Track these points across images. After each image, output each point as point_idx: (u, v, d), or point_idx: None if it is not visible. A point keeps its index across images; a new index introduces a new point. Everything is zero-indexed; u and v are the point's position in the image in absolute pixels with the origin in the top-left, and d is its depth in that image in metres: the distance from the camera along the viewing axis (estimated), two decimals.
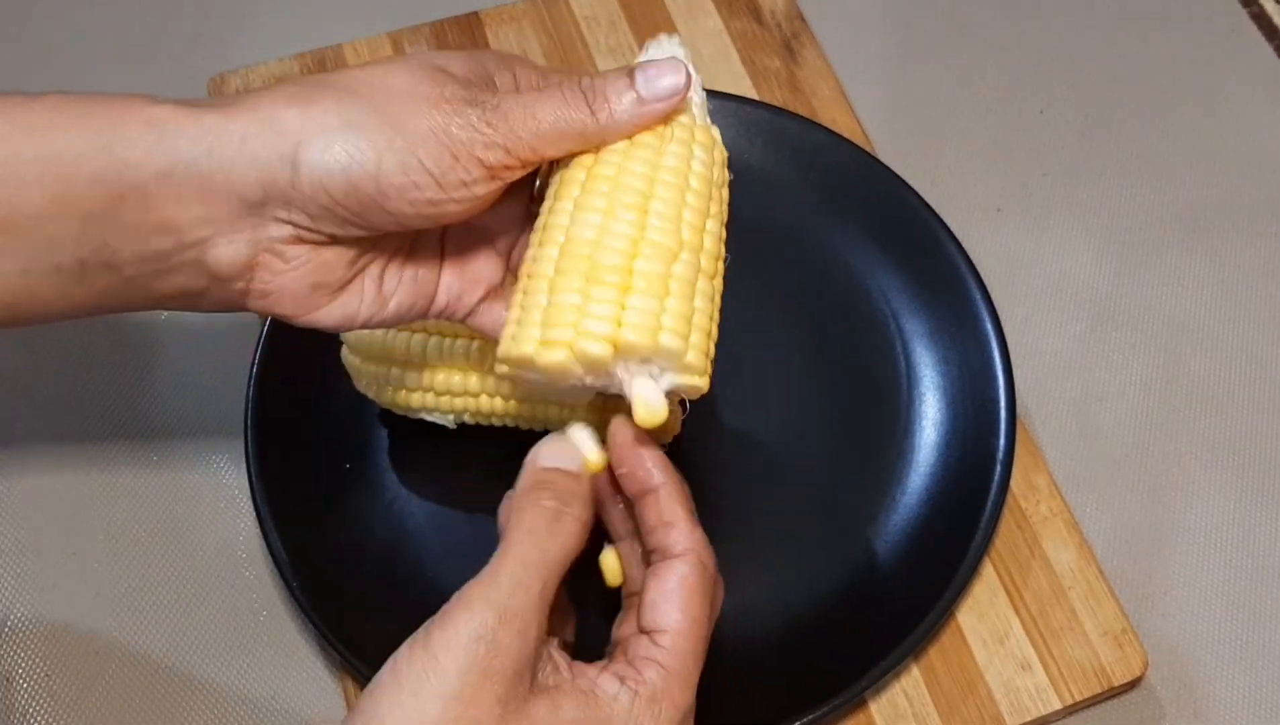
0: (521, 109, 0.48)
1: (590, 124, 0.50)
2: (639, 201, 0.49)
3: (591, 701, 0.46)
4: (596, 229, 0.49)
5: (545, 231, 0.50)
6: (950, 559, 0.64)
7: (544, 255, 0.49)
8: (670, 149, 0.51)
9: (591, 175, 0.50)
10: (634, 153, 0.50)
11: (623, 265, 0.48)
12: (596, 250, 0.49)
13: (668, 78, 0.50)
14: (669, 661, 0.48)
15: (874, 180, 0.74)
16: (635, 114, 0.50)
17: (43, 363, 0.74)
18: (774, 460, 0.69)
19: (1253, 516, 0.70)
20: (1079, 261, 0.78)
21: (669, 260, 0.49)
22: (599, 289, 0.48)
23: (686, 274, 0.50)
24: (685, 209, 0.50)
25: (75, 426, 0.72)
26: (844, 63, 0.83)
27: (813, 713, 0.60)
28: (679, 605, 0.48)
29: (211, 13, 0.87)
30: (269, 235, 0.48)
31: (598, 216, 0.49)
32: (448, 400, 0.64)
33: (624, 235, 0.49)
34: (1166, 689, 0.65)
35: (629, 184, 0.50)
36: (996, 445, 0.66)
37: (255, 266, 0.49)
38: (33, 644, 0.66)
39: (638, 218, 0.49)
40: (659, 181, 0.50)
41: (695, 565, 0.49)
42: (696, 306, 0.50)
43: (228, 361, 0.72)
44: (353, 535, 0.66)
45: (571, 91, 0.50)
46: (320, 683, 0.65)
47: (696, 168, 0.51)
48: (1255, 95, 0.83)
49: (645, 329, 0.48)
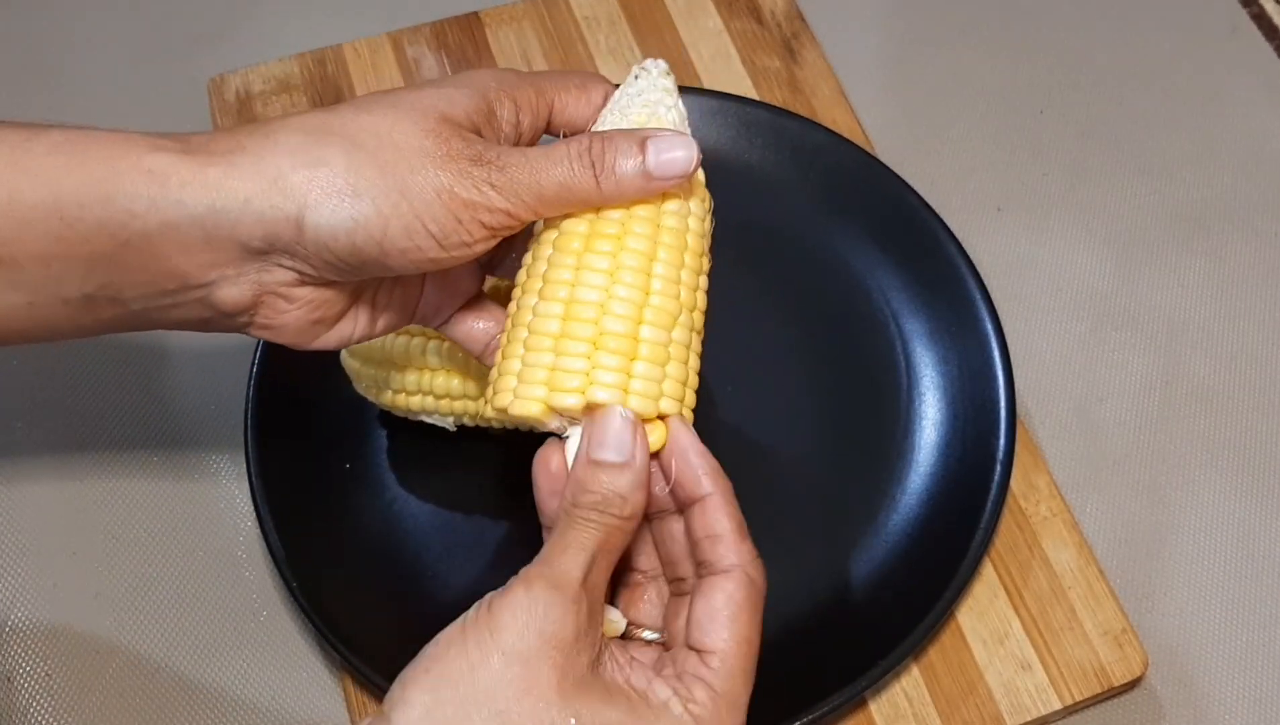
0: (526, 172, 0.48)
1: (593, 193, 0.50)
2: (643, 264, 0.50)
3: (643, 704, 0.46)
4: (601, 291, 0.50)
5: (546, 285, 0.51)
6: (950, 559, 0.64)
7: (547, 311, 0.50)
8: (669, 207, 0.52)
9: (593, 231, 0.51)
10: (635, 211, 0.51)
11: (630, 332, 0.50)
12: (603, 315, 0.50)
13: (680, 156, 0.50)
14: (718, 683, 0.47)
15: (874, 180, 0.74)
16: (640, 188, 0.50)
17: (42, 365, 0.74)
18: (773, 460, 0.69)
19: (1253, 516, 0.70)
20: (1079, 261, 0.78)
21: (670, 325, 0.50)
22: (606, 356, 0.49)
23: (683, 337, 0.51)
24: (684, 270, 0.51)
25: (75, 427, 0.72)
26: (844, 63, 0.83)
27: (813, 713, 0.60)
28: (725, 625, 0.48)
29: (211, 13, 0.87)
30: (273, 278, 0.49)
31: (602, 278, 0.50)
32: (447, 403, 0.64)
33: (629, 301, 0.50)
34: (1166, 689, 0.65)
35: (633, 246, 0.50)
36: (996, 445, 0.66)
37: (259, 305, 0.50)
38: (33, 644, 0.66)
39: (642, 282, 0.50)
40: (660, 243, 0.51)
41: (743, 583, 0.49)
42: (690, 367, 0.51)
43: (228, 362, 0.72)
44: (353, 535, 0.66)
45: (578, 155, 0.49)
46: (320, 682, 0.65)
47: (693, 226, 0.52)
48: (1255, 95, 0.83)
49: (649, 397, 0.50)
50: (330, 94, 0.80)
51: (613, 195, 0.50)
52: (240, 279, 0.49)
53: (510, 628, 0.44)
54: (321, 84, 0.81)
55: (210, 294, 0.49)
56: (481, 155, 0.48)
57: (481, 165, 0.48)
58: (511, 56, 0.82)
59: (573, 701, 0.45)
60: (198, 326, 0.51)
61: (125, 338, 0.74)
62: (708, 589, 0.49)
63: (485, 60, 0.82)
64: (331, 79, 0.81)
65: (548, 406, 0.49)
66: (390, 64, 0.82)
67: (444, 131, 0.48)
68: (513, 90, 0.52)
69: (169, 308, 0.49)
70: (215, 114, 0.80)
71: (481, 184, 0.48)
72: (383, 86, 0.81)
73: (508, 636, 0.44)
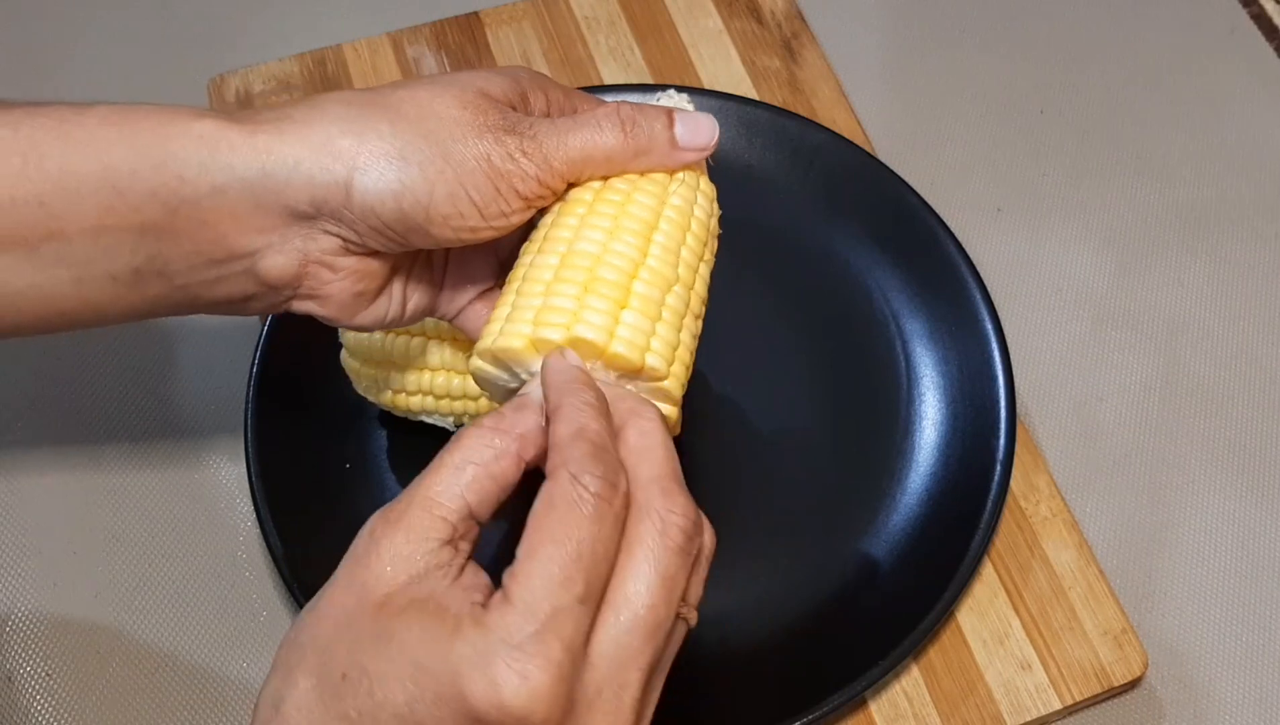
0: (555, 137, 0.50)
1: (621, 149, 0.51)
2: (643, 230, 0.51)
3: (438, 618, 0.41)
4: (599, 245, 0.50)
5: (546, 241, 0.51)
6: (950, 559, 0.64)
7: (543, 262, 0.50)
8: (676, 189, 0.53)
9: (599, 197, 0.52)
10: (641, 185, 0.52)
11: (622, 282, 0.49)
12: (597, 264, 0.49)
13: (705, 131, 0.53)
14: (513, 588, 0.41)
15: (874, 180, 0.74)
16: (665, 153, 0.52)
17: (43, 364, 0.74)
18: (773, 460, 0.69)
19: (1253, 516, 0.70)
20: (1079, 261, 0.78)
21: (665, 289, 0.50)
22: (595, 298, 0.49)
23: (677, 306, 0.51)
24: (684, 247, 0.52)
25: (76, 427, 0.72)
26: (844, 63, 0.83)
27: (813, 713, 0.60)
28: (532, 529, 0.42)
29: (211, 13, 0.87)
30: (318, 246, 0.50)
31: (601, 235, 0.50)
32: (446, 403, 0.64)
33: (625, 256, 0.50)
34: (1166, 689, 0.65)
35: (635, 212, 0.51)
36: (996, 445, 0.66)
37: (304, 276, 0.51)
38: (34, 643, 0.66)
39: (640, 243, 0.50)
40: (663, 217, 0.52)
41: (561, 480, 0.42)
42: (681, 339, 0.51)
43: (228, 362, 0.72)
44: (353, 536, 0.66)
45: (607, 115, 0.51)
46: None
47: (698, 214, 0.53)
48: (1255, 95, 0.83)
49: (635, 346, 0.48)
50: None
51: (641, 152, 0.52)
52: (286, 247, 0.50)
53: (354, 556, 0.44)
54: (322, 84, 0.81)
55: (256, 264, 0.50)
56: (515, 125, 0.50)
57: (514, 134, 0.49)
58: (511, 56, 0.82)
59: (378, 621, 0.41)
60: (241, 304, 0.52)
61: (125, 337, 0.74)
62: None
63: (485, 60, 0.82)
64: (332, 79, 0.81)
65: (532, 340, 0.48)
66: (390, 64, 0.82)
67: (481, 104, 0.50)
68: (545, 87, 0.54)
69: (214, 282, 0.50)
70: None
71: (515, 152, 0.49)
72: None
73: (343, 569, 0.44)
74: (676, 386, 0.50)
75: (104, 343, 0.74)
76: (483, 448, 0.44)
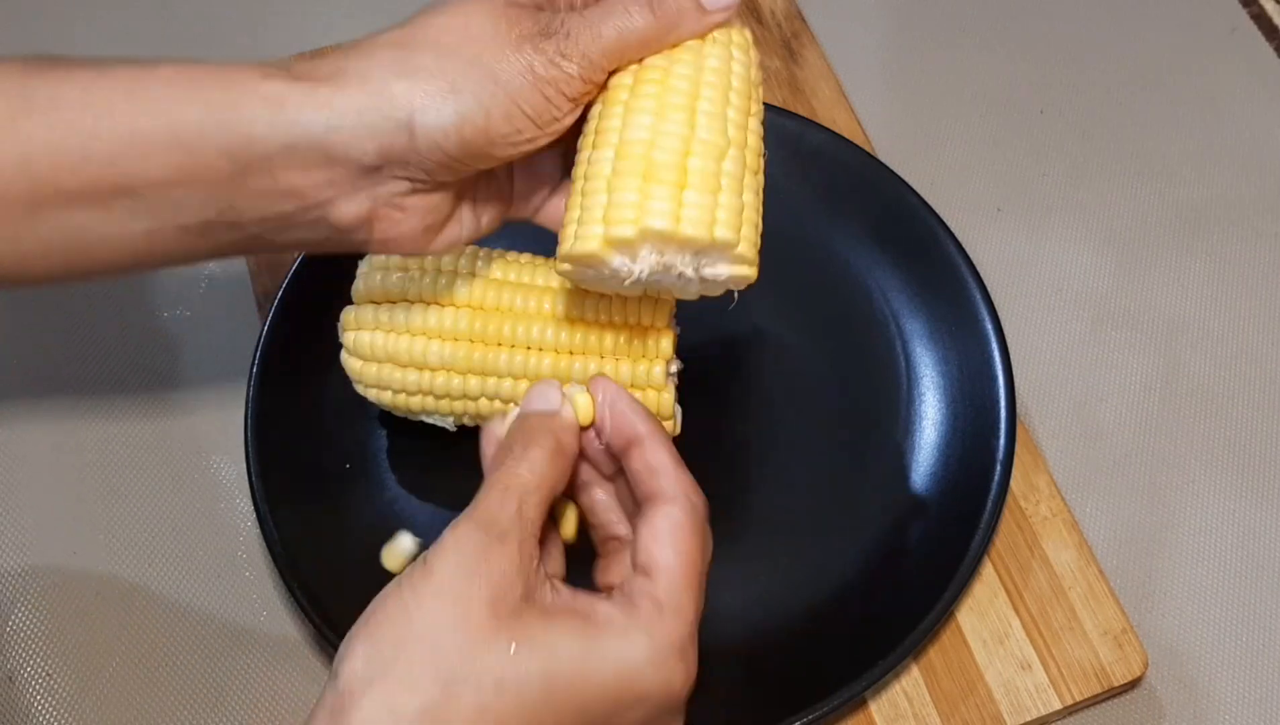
0: (588, 32, 0.52)
1: (652, 29, 0.52)
2: (687, 102, 0.52)
3: (587, 622, 0.47)
4: (649, 130, 0.52)
5: (599, 135, 0.53)
6: (950, 559, 0.64)
7: (600, 157, 0.52)
8: (710, 51, 0.54)
9: (638, 80, 0.53)
10: (677, 56, 0.53)
11: (677, 162, 0.51)
12: (651, 150, 0.51)
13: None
14: (662, 594, 0.48)
15: (874, 180, 0.74)
16: (696, 21, 0.53)
17: (44, 364, 0.74)
18: (774, 460, 0.69)
19: (1252, 517, 0.70)
20: (1079, 261, 0.78)
21: (719, 157, 0.52)
22: (657, 186, 0.51)
23: (735, 170, 0.52)
24: (730, 108, 0.53)
25: (76, 427, 0.72)
26: (844, 63, 0.83)
27: (813, 713, 0.60)
28: (670, 544, 0.49)
29: (212, 13, 0.87)
30: (387, 190, 0.52)
31: (649, 118, 0.52)
32: (447, 403, 0.64)
33: (676, 134, 0.51)
34: (1166, 689, 0.65)
35: (675, 86, 0.52)
36: (996, 445, 0.66)
37: (375, 219, 0.53)
38: (35, 643, 0.66)
39: (687, 117, 0.52)
40: (704, 83, 0.53)
41: (684, 506, 0.50)
42: (745, 201, 0.52)
43: (228, 361, 0.73)
44: (353, 535, 0.66)
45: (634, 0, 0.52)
46: (320, 682, 0.65)
47: (736, 69, 0.54)
48: (1255, 95, 0.83)
49: (702, 223, 0.51)
50: None
51: (671, 27, 0.53)
52: (356, 195, 0.51)
53: (441, 570, 0.46)
54: None
55: (327, 213, 0.52)
56: (548, 27, 0.51)
57: (550, 38, 0.51)
58: None
59: (508, 629, 0.45)
60: (314, 247, 0.54)
61: (125, 335, 0.74)
62: (652, 515, 0.50)
63: None
64: None
65: (606, 239, 0.51)
66: None
67: (512, 15, 0.51)
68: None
69: (286, 229, 0.52)
70: None
71: (555, 56, 0.51)
72: None
73: (438, 578, 0.46)
74: (749, 248, 0.52)
75: (104, 341, 0.74)
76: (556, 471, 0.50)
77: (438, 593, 0.45)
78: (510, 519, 0.48)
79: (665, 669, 0.47)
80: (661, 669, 0.47)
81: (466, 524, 0.48)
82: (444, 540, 0.47)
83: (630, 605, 0.48)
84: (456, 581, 0.46)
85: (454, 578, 0.46)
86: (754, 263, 0.53)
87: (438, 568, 0.46)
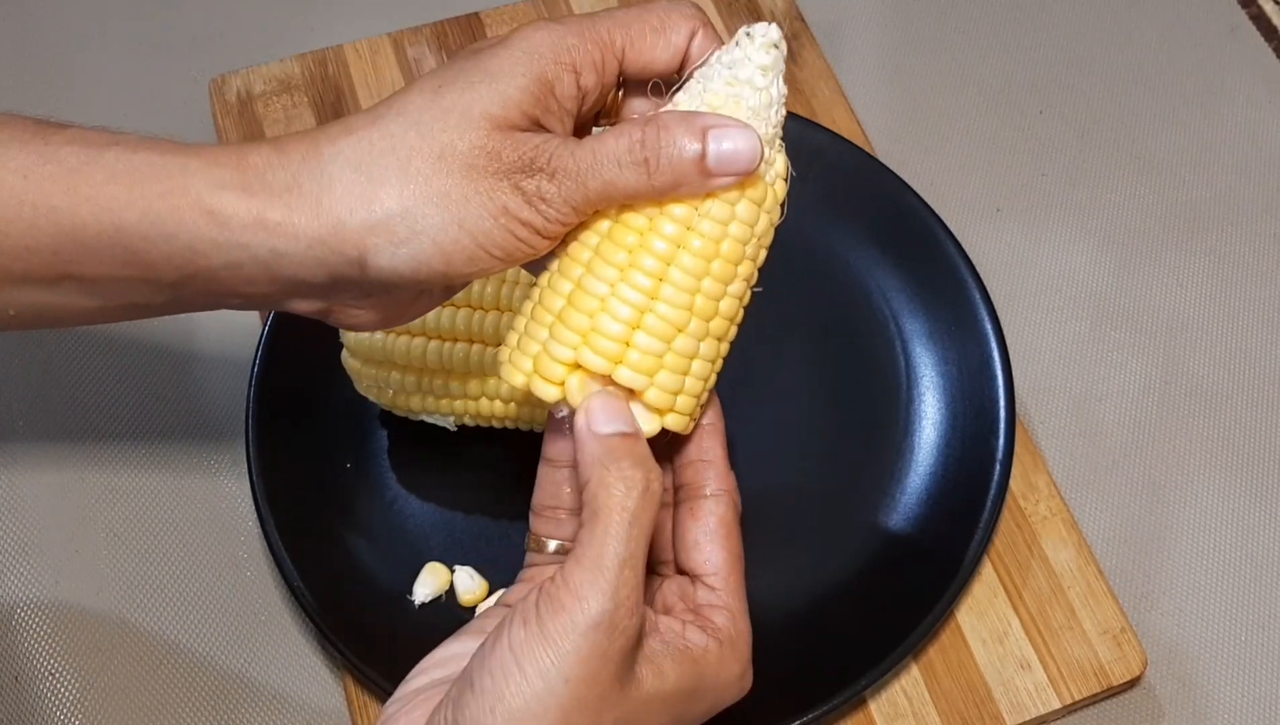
0: (575, 179, 0.47)
1: (646, 191, 0.47)
2: (658, 268, 0.48)
3: (688, 659, 0.47)
4: (610, 284, 0.48)
5: (565, 260, 0.49)
6: (950, 559, 0.64)
7: (558, 286, 0.49)
8: (707, 208, 0.48)
9: (621, 221, 0.48)
10: (670, 209, 0.48)
11: (621, 336, 0.47)
12: (601, 310, 0.47)
13: (744, 155, 0.47)
14: (728, 602, 0.49)
15: (874, 180, 0.74)
16: (697, 185, 0.47)
17: (45, 364, 0.74)
18: (774, 460, 0.69)
19: (1252, 516, 0.70)
20: (1078, 261, 0.78)
21: (671, 336, 0.48)
22: (590, 355, 0.47)
23: (686, 347, 0.48)
24: (706, 279, 0.48)
25: (77, 427, 0.72)
26: (844, 63, 0.83)
27: (813, 712, 0.60)
28: (721, 545, 0.50)
29: (212, 13, 0.87)
30: (339, 298, 0.50)
31: (613, 272, 0.48)
32: (447, 403, 0.64)
33: (632, 303, 0.47)
34: (1165, 688, 0.65)
35: (653, 246, 0.48)
36: (996, 445, 0.66)
37: (330, 312, 0.51)
38: (38, 642, 0.66)
39: (651, 286, 0.48)
40: (685, 248, 0.48)
41: (731, 506, 0.50)
42: (691, 372, 0.49)
43: (228, 362, 0.73)
44: (353, 535, 0.66)
45: (628, 151, 0.47)
46: (321, 682, 0.65)
47: (733, 231, 0.48)
48: (1255, 95, 0.83)
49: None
50: (331, 94, 0.80)
51: (665, 191, 0.47)
52: (309, 299, 0.50)
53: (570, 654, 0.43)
54: (322, 84, 0.81)
55: (280, 304, 0.51)
56: (533, 161, 0.47)
57: (533, 176, 0.47)
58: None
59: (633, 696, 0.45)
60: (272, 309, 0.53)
61: (126, 336, 0.74)
62: (700, 513, 0.50)
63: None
64: (332, 79, 0.81)
65: (528, 388, 0.49)
66: (391, 64, 0.82)
67: (494, 144, 0.47)
68: (571, 57, 0.48)
69: (240, 306, 0.51)
70: (216, 114, 0.80)
71: (534, 198, 0.47)
72: (384, 87, 0.81)
73: (570, 664, 0.43)
74: (678, 424, 0.49)
75: (105, 343, 0.74)
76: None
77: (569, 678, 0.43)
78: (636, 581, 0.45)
79: (747, 678, 0.50)
80: (745, 678, 0.50)
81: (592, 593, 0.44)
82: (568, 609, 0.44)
83: (708, 623, 0.49)
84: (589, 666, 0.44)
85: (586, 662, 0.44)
86: (684, 429, 0.50)
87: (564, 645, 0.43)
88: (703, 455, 0.51)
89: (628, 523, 0.45)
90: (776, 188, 0.50)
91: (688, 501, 0.51)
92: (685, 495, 0.51)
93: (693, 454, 0.51)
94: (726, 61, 0.49)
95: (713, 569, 0.50)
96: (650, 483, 0.46)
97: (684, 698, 0.47)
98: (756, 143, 0.47)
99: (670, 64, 0.50)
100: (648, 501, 0.46)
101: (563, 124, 0.49)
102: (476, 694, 0.44)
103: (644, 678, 0.46)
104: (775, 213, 0.50)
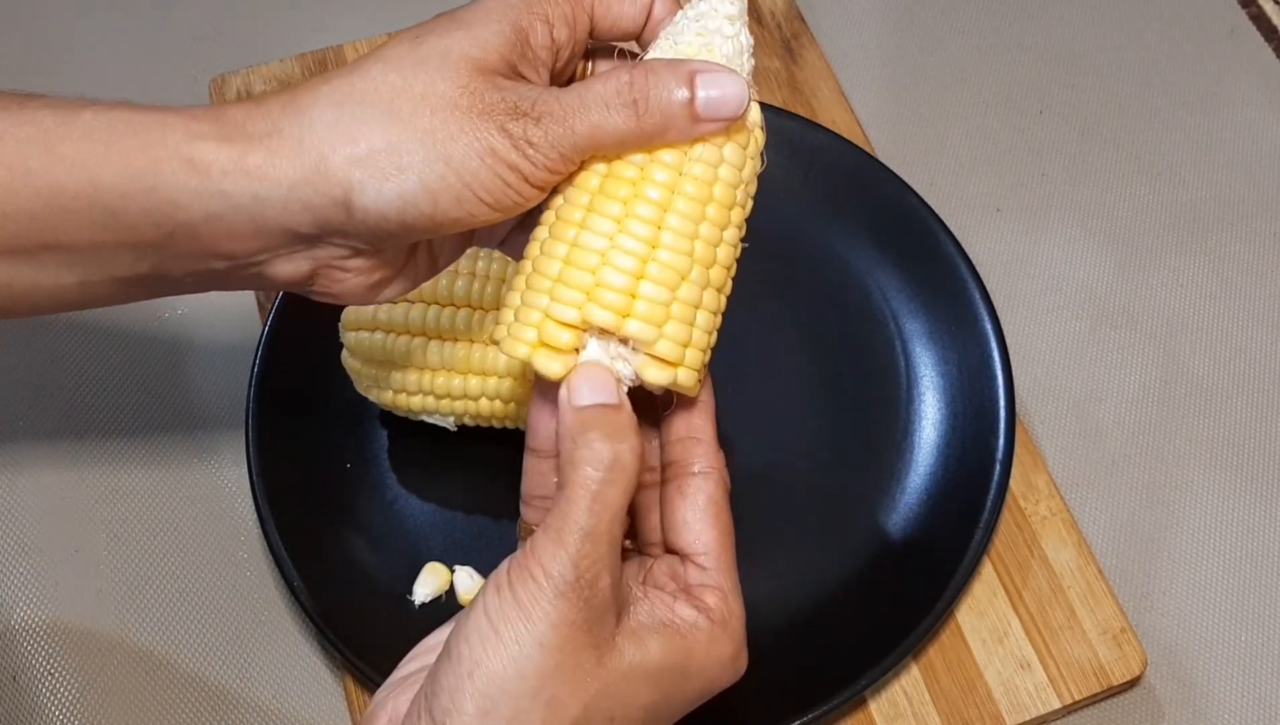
0: (562, 123, 0.46)
1: (635, 135, 0.47)
2: (655, 216, 0.47)
3: (675, 634, 0.47)
4: (608, 238, 0.47)
5: (558, 221, 0.48)
6: (950, 559, 0.64)
7: (552, 250, 0.48)
8: (697, 153, 0.48)
9: (611, 174, 0.48)
10: (660, 155, 0.48)
11: (627, 288, 0.47)
12: (603, 265, 0.47)
13: (730, 95, 0.47)
14: (719, 581, 0.49)
15: (874, 180, 0.74)
16: (685, 130, 0.47)
17: (45, 364, 0.74)
18: (773, 460, 0.69)
19: (1252, 516, 0.70)
20: (1078, 261, 0.78)
21: (675, 284, 0.47)
22: (598, 311, 0.47)
23: (691, 295, 0.48)
24: (703, 223, 0.48)
25: (77, 426, 0.72)
26: (844, 63, 0.83)
27: (813, 712, 0.60)
28: (711, 523, 0.49)
29: (212, 13, 0.87)
30: (326, 254, 0.49)
31: (610, 225, 0.47)
32: (447, 403, 0.64)
33: (633, 252, 0.47)
34: (1165, 688, 0.65)
35: (647, 194, 0.47)
36: (996, 445, 0.66)
37: (315, 276, 0.50)
38: (37, 643, 0.66)
39: (650, 234, 0.47)
40: (680, 193, 0.48)
41: (720, 484, 0.50)
42: (696, 324, 0.48)
43: (228, 362, 0.73)
44: (353, 535, 0.66)
45: (616, 94, 0.47)
46: (321, 682, 0.65)
47: (724, 174, 0.48)
48: (1255, 95, 0.84)
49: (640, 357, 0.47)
50: None
51: (654, 135, 0.47)
52: (293, 256, 0.49)
53: (542, 621, 0.44)
54: None
55: (264, 270, 0.49)
56: (517, 106, 0.46)
57: (518, 118, 0.46)
58: None
59: (612, 668, 0.45)
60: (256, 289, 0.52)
61: (126, 336, 0.74)
62: (689, 491, 0.49)
63: None
64: None
65: (531, 359, 0.47)
66: None
67: (476, 85, 0.46)
68: (544, 8, 0.49)
69: (224, 280, 0.50)
70: None
71: (521, 141, 0.46)
72: None
73: (543, 630, 0.44)
74: (689, 379, 0.48)
75: (106, 342, 0.74)
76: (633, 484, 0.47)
77: (543, 644, 0.43)
78: (599, 551, 0.45)
79: (741, 660, 0.49)
80: (739, 660, 0.49)
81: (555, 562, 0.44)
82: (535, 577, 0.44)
83: (699, 600, 0.48)
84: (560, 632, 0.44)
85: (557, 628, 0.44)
86: (694, 388, 0.49)
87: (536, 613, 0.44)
88: (691, 432, 0.50)
89: (591, 495, 0.45)
90: (756, 135, 0.50)
91: (676, 479, 0.50)
92: (673, 473, 0.50)
93: (681, 431, 0.50)
94: (693, 15, 0.49)
95: (703, 548, 0.49)
96: (620, 455, 0.45)
97: (672, 675, 0.46)
98: (743, 87, 0.47)
99: (636, 21, 0.50)
100: (615, 474, 0.45)
101: (539, 75, 0.49)
102: (454, 662, 0.44)
103: (624, 649, 0.45)
104: (758, 161, 0.50)
